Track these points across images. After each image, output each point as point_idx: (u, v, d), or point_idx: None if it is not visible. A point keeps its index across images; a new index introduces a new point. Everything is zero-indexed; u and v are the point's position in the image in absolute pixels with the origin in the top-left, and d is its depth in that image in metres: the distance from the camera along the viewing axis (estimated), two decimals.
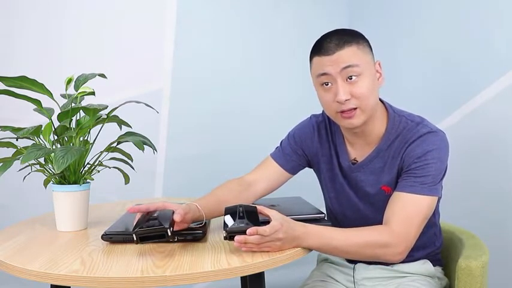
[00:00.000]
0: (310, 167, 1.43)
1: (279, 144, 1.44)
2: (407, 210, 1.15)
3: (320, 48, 1.20)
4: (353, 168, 1.30)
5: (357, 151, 1.31)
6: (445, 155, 1.21)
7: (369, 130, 1.26)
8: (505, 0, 1.61)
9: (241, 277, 1.56)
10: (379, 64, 1.25)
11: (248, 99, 2.34)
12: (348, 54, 1.17)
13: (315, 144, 1.38)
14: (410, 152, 1.20)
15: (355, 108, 1.19)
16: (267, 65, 2.38)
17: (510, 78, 1.60)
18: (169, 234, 1.04)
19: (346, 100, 1.18)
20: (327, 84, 1.21)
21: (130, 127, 1.39)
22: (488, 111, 1.69)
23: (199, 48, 2.28)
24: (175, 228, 1.10)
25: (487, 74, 1.67)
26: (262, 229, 1.02)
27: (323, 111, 1.36)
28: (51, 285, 1.18)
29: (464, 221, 1.51)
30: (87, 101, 1.31)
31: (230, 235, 1.04)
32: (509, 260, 1.61)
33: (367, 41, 1.24)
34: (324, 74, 1.20)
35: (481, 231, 1.41)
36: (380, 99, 1.29)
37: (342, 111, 1.20)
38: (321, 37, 1.23)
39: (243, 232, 1.02)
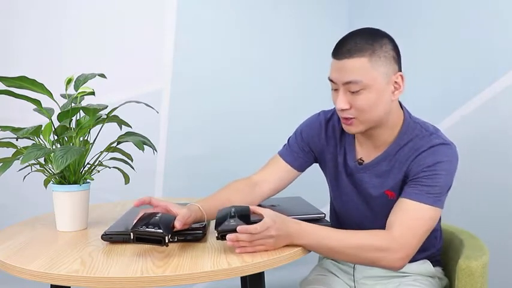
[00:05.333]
0: (318, 162, 1.42)
1: (286, 142, 1.42)
2: (410, 218, 1.13)
3: (336, 48, 1.18)
4: (359, 168, 1.29)
5: (365, 151, 1.29)
6: (454, 169, 1.19)
7: (377, 135, 1.25)
8: (505, 0, 1.61)
9: (241, 277, 1.56)
10: (401, 76, 1.19)
11: (248, 99, 2.35)
12: (354, 66, 1.14)
13: (322, 142, 1.36)
14: (420, 160, 1.18)
15: (353, 118, 1.19)
16: (267, 64, 2.38)
17: (510, 78, 1.60)
18: (167, 241, 1.03)
19: (344, 110, 1.18)
20: (335, 88, 1.20)
21: (130, 127, 1.39)
22: (488, 111, 1.69)
23: (199, 48, 2.28)
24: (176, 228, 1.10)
25: (487, 74, 1.68)
26: (252, 227, 1.02)
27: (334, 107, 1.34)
28: (51, 285, 1.18)
29: (464, 221, 1.51)
30: (87, 101, 1.31)
31: (221, 234, 1.04)
32: (509, 260, 1.61)
33: (391, 49, 1.17)
34: (331, 80, 1.19)
35: (481, 231, 1.41)
36: (401, 105, 1.26)
37: (342, 117, 1.21)
38: (344, 36, 1.19)
39: (234, 231, 1.02)
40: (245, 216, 1.07)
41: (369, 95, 1.15)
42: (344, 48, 1.15)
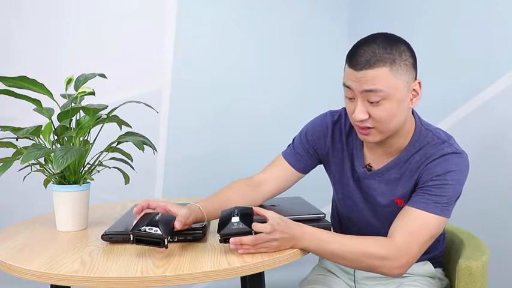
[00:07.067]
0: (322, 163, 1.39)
1: (291, 142, 1.39)
2: (414, 226, 1.12)
3: (351, 57, 1.12)
4: (368, 174, 1.26)
5: (374, 157, 1.26)
6: (464, 179, 1.17)
7: (390, 142, 1.22)
8: (505, 0, 1.61)
9: (241, 277, 1.56)
10: (419, 83, 1.16)
11: (248, 99, 2.34)
12: (375, 75, 1.09)
13: (327, 144, 1.33)
14: (430, 168, 1.16)
15: (372, 127, 1.15)
16: (267, 65, 2.38)
17: (510, 78, 1.60)
18: (166, 243, 1.03)
19: (363, 120, 1.13)
20: (351, 97, 1.16)
21: (131, 127, 1.39)
22: (488, 111, 1.69)
23: (199, 48, 2.28)
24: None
25: (487, 74, 1.68)
26: (263, 226, 1.02)
27: (343, 108, 1.31)
28: (51, 285, 1.18)
29: (464, 221, 1.51)
30: (87, 101, 1.31)
31: (224, 238, 1.04)
32: (509, 260, 1.61)
33: (410, 56, 1.14)
34: (348, 86, 1.15)
35: (481, 231, 1.41)
36: (412, 111, 1.23)
37: (358, 126, 1.17)
38: (358, 43, 1.14)
39: (236, 234, 1.02)
40: (248, 218, 1.07)
41: (389, 105, 1.12)
42: (362, 58, 1.10)
